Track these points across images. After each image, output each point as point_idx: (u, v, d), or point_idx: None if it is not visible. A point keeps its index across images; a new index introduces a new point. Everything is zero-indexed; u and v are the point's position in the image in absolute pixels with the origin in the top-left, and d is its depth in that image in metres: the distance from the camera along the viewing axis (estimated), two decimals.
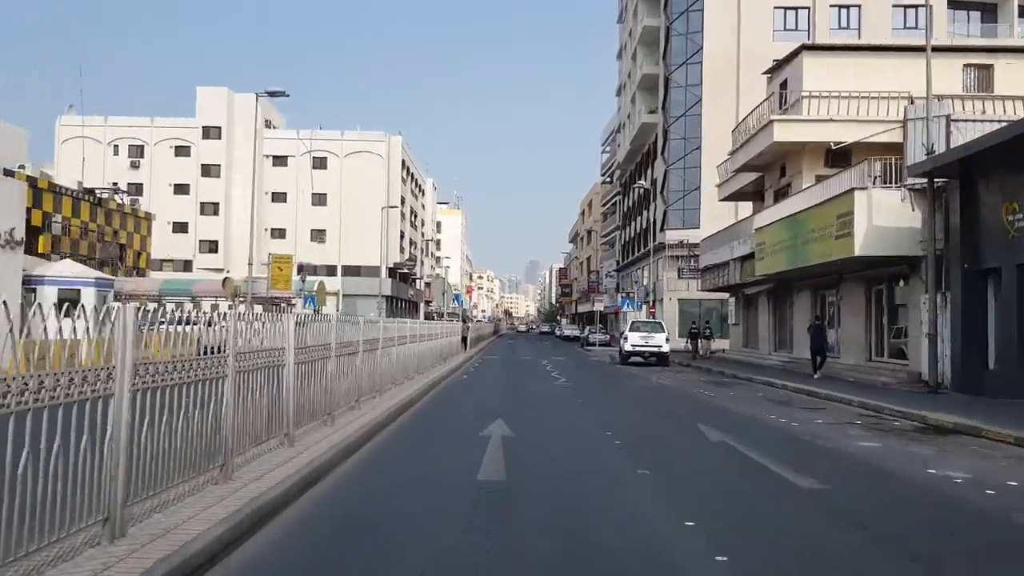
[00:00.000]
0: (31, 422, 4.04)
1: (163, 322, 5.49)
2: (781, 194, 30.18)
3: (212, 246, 71.66)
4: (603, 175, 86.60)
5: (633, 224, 66.32)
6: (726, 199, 40.24)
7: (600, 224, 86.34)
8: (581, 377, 25.33)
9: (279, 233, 74.27)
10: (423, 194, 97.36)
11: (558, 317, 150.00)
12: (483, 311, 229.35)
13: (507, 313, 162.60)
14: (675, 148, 51.36)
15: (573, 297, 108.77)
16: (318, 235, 73.99)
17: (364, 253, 71.00)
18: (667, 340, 30.39)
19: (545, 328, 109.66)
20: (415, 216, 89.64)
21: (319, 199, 74.09)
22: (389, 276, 75.13)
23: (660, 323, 31.15)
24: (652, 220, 57.18)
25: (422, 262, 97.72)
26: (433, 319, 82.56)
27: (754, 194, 37.13)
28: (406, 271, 79.22)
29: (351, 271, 72.41)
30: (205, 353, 6.40)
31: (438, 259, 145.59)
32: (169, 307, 6.75)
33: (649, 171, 57.57)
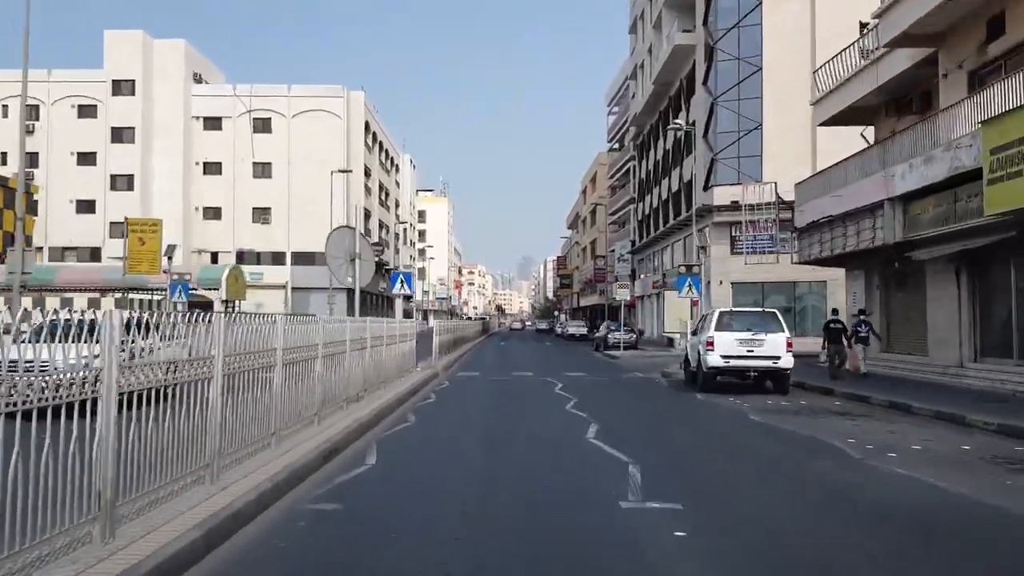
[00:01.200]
0: None
1: None
2: (1011, 65, 16.05)
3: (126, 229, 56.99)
4: (610, 140, 72.43)
5: (655, 192, 52.11)
6: (830, 122, 26.07)
7: (607, 200, 72.19)
8: (661, 442, 11.25)
9: (213, 213, 59.92)
10: (396, 170, 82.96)
11: (555, 312, 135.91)
12: (475, 308, 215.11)
13: (499, 309, 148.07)
14: (725, 73, 37.15)
15: (574, 289, 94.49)
16: (261, 215, 59.65)
17: (320, 237, 56.70)
18: (789, 345, 16.23)
19: (543, 325, 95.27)
20: (386, 195, 75.22)
21: (262, 170, 59.72)
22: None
23: (774, 314, 16.90)
24: (687, 180, 43.00)
25: (397, 250, 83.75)
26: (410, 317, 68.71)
27: (892, 105, 23.01)
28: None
29: (304, 259, 58.04)
30: None
31: (422, 251, 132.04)
32: None
33: (683, 116, 43.45)
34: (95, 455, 4.80)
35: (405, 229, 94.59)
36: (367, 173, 64.70)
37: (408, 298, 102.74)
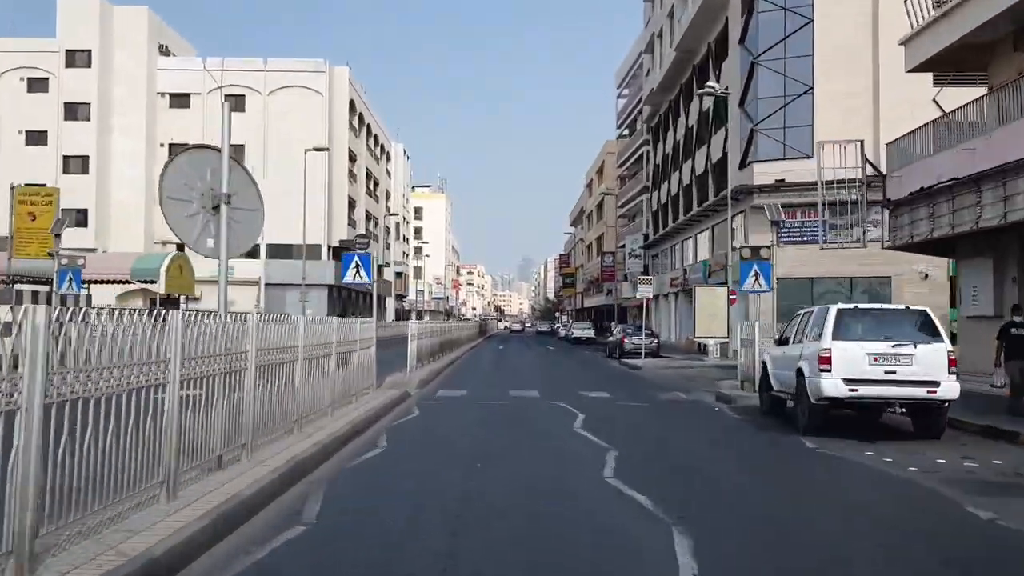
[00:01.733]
0: None
1: None
2: None
3: (81, 217, 50.92)
4: (620, 126, 66.35)
5: (674, 178, 46.06)
6: (924, 66, 19.94)
7: (617, 190, 66.13)
8: None
9: None
10: (388, 159, 76.88)
11: (556, 313, 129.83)
12: (473, 309, 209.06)
13: (498, 310, 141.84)
14: (768, 27, 31.09)
15: (577, 289, 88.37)
16: None
17: (298, 228, 50.67)
18: (952, 363, 10.12)
19: (544, 327, 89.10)
20: (375, 184, 69.13)
21: (235, 153, 53.30)
22: (333, 258, 54.77)
23: (925, 314, 10.69)
24: (716, 159, 36.99)
25: (388, 245, 77.67)
26: (403, 319, 63.40)
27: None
28: (360, 251, 58.66)
29: (280, 252, 52.00)
30: None
31: (418, 249, 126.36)
32: None
33: (713, 81, 37.44)
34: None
35: (398, 224, 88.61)
36: (352, 158, 58.64)
37: (401, 297, 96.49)
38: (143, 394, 5.46)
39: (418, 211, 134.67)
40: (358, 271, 15.09)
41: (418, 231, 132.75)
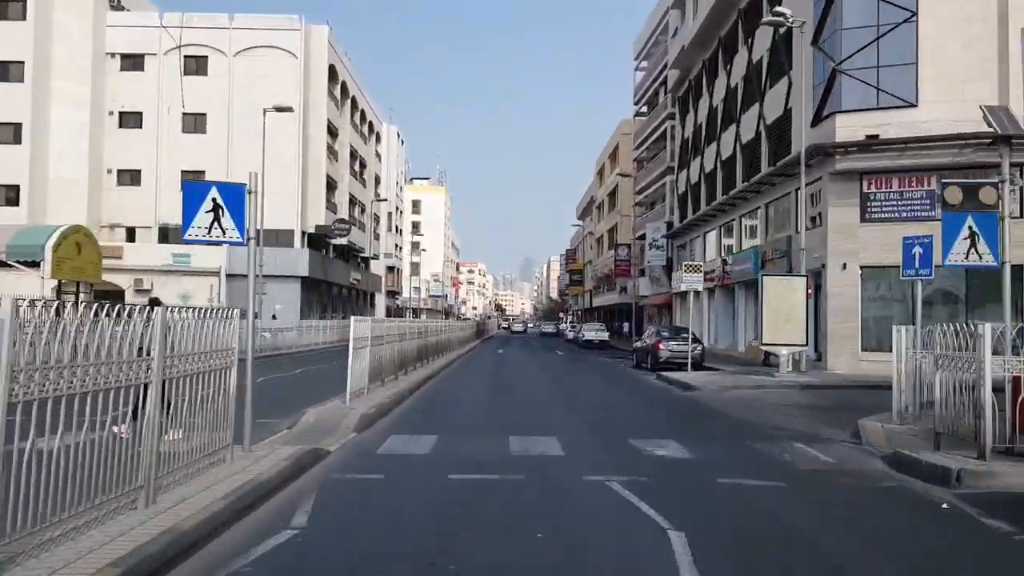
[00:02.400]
0: None
1: None
2: None
3: (12, 194, 43.58)
4: (638, 102, 58.74)
5: (708, 153, 38.58)
6: None
7: (633, 174, 58.54)
8: None
9: (130, 177, 46.55)
10: (377, 139, 69.43)
11: (560, 314, 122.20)
12: (474, 308, 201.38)
13: (499, 308, 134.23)
14: None
15: (586, 287, 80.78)
16: (193, 180, 46.10)
17: (271, 211, 43.27)
18: None
19: (548, 328, 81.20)
20: (362, 166, 61.66)
21: (195, 123, 46.35)
22: (308, 246, 47.35)
23: None
24: (773, 119, 29.55)
25: (376, 235, 70.36)
26: (396, 317, 56.03)
27: None
28: (339, 238, 51.27)
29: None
30: None
31: (416, 244, 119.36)
32: None
33: (756, 41, 30.02)
34: None
35: (390, 214, 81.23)
36: (332, 132, 51.15)
37: (394, 294, 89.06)
38: None
39: (416, 205, 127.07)
40: (217, 222, 7.66)
41: (416, 226, 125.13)
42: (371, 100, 63.28)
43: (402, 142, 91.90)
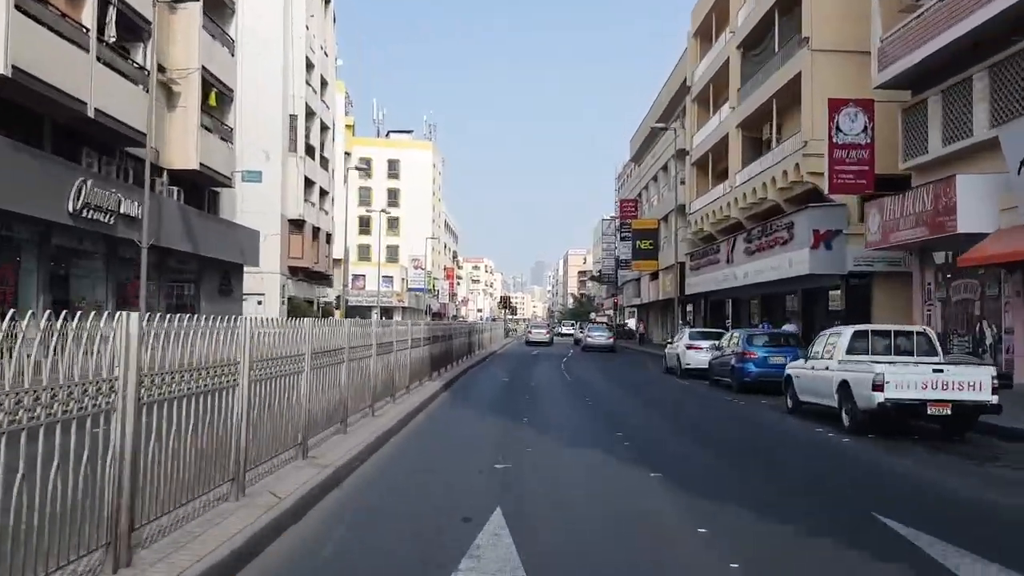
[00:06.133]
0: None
1: None
2: None
3: None
4: None
5: None
6: None
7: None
8: None
9: None
10: (323, 86, 37.40)
11: (592, 314, 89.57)
12: (479, 310, 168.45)
13: (506, 303, 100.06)
14: None
15: (660, 263, 46.99)
16: None
17: None
18: None
19: (602, 338, 43.90)
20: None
21: None
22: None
23: None
24: None
25: (333, 199, 39.49)
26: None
27: None
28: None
29: None
30: None
31: (393, 220, 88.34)
32: None
33: None
34: None
35: (348, 170, 49.08)
36: None
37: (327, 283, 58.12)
38: None
39: (393, 165, 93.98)
40: None
41: (393, 194, 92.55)
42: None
43: (378, 108, 59.46)
